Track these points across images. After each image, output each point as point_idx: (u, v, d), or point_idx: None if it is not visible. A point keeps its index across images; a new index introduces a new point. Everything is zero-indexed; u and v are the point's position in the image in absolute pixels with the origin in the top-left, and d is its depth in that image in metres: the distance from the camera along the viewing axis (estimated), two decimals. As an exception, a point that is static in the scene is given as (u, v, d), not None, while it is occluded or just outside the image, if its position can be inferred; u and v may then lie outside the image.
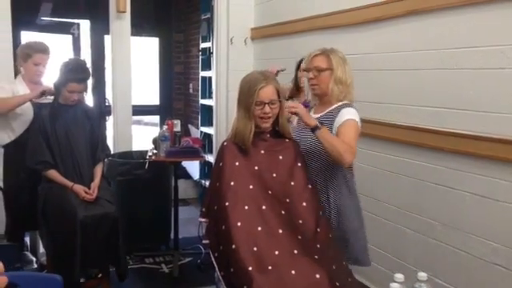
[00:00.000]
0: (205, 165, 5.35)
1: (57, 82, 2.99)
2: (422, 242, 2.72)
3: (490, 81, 2.29)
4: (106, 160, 3.34)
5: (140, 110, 6.60)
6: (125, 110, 4.33)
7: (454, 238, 2.52)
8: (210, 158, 5.06)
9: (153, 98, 7.28)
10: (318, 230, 2.07)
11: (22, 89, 3.18)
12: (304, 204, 2.12)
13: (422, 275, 1.73)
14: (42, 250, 3.49)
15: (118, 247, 2.99)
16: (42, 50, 3.20)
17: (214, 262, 2.06)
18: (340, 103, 2.38)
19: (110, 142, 3.57)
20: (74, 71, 2.95)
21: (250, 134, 2.14)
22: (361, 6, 3.06)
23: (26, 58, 3.18)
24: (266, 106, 2.12)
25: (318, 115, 2.41)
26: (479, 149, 2.33)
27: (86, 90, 3.07)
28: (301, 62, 3.31)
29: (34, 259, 3.50)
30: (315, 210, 2.13)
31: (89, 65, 3.18)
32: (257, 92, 2.11)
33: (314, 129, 2.19)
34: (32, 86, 3.23)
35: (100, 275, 3.08)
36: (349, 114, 2.32)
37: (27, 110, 3.14)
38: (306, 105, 3.29)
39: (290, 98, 3.33)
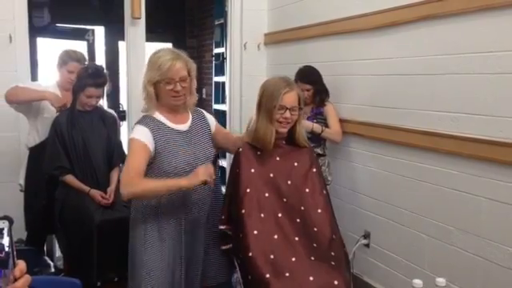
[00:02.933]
0: (218, 170, 5.36)
1: (75, 87, 3.03)
2: (438, 248, 2.70)
3: (507, 86, 2.27)
4: (121, 165, 3.37)
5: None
6: (139, 115, 4.33)
7: (471, 244, 2.50)
8: (224, 163, 5.06)
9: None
10: (334, 237, 2.07)
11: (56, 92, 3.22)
12: (319, 211, 2.12)
13: (441, 281, 1.73)
14: (58, 254, 3.53)
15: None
16: (77, 59, 3.29)
17: (238, 269, 2.07)
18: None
19: (124, 147, 3.60)
20: (92, 76, 2.99)
21: (271, 138, 2.15)
22: (376, 10, 3.05)
23: (61, 65, 3.28)
24: (288, 111, 2.13)
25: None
26: (496, 154, 2.31)
27: (103, 95, 3.10)
28: (297, 81, 3.33)
29: (52, 263, 3.53)
30: (330, 217, 2.13)
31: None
32: (281, 96, 2.11)
33: None
34: (64, 92, 3.27)
35: (116, 279, 3.10)
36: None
37: (54, 114, 3.16)
38: (319, 111, 3.31)
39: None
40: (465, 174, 2.51)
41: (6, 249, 0.84)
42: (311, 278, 1.85)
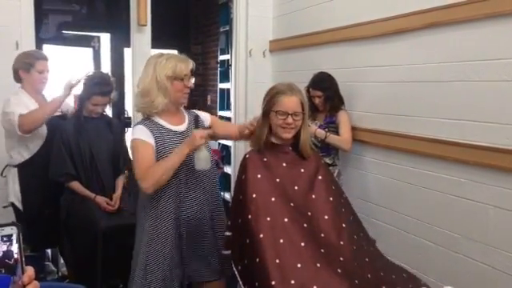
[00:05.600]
0: (223, 176, 5.36)
1: (81, 95, 3.04)
2: (444, 256, 2.69)
3: (513, 93, 2.28)
4: (126, 172, 3.36)
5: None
6: (145, 121, 4.36)
7: (478, 252, 2.49)
8: (228, 170, 5.07)
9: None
10: (341, 243, 2.04)
11: (28, 101, 3.07)
12: (326, 217, 2.10)
13: (449, 289, 1.72)
14: (63, 260, 3.53)
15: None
16: (43, 56, 3.14)
17: (238, 276, 2.05)
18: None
19: (129, 153, 3.59)
20: (99, 84, 2.99)
21: (263, 137, 2.19)
22: (381, 18, 3.06)
23: (28, 68, 3.07)
24: (289, 116, 2.12)
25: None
26: (503, 161, 2.30)
27: (109, 102, 3.11)
28: (309, 88, 3.33)
29: (56, 270, 3.53)
30: (338, 223, 2.11)
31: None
32: (280, 101, 2.12)
33: None
34: (36, 96, 3.14)
35: (121, 286, 3.09)
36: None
37: (41, 127, 3.07)
38: (331, 120, 3.29)
39: (314, 120, 3.35)
40: (471, 181, 2.50)
41: (15, 256, 0.84)
42: (315, 287, 1.84)
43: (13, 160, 3.12)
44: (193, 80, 2.36)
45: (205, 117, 2.50)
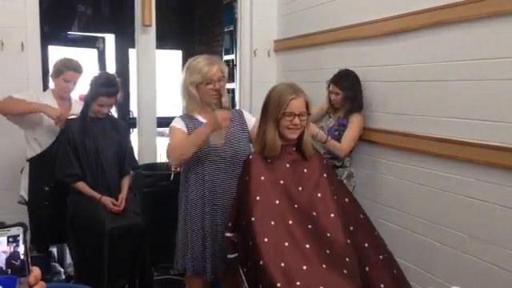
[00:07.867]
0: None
1: (87, 96, 3.04)
2: (452, 256, 2.67)
3: (521, 92, 2.26)
4: (132, 172, 3.36)
5: (163, 122, 6.64)
6: (149, 122, 4.38)
7: (485, 252, 2.47)
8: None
9: (176, 109, 7.33)
10: (349, 241, 2.04)
11: (49, 102, 3.20)
12: (332, 215, 2.09)
13: (457, 289, 1.71)
14: (69, 260, 3.54)
15: (144, 258, 3.01)
16: (74, 68, 3.25)
17: (244, 278, 2.05)
18: None
19: (136, 154, 3.60)
20: (105, 85, 3.00)
21: (279, 145, 2.15)
22: (386, 17, 3.04)
23: (57, 74, 3.24)
24: (296, 117, 2.12)
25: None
26: (511, 161, 2.28)
27: (115, 103, 3.11)
28: (330, 82, 3.27)
29: (62, 270, 3.54)
30: (344, 222, 2.10)
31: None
32: (288, 103, 2.11)
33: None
34: (60, 101, 3.28)
35: (127, 286, 3.10)
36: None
37: (54, 125, 3.14)
38: (342, 123, 3.26)
39: (327, 113, 3.33)
40: (480, 181, 2.48)
41: (22, 256, 0.84)
42: None
43: (27, 154, 3.26)
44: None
45: (249, 118, 2.59)
